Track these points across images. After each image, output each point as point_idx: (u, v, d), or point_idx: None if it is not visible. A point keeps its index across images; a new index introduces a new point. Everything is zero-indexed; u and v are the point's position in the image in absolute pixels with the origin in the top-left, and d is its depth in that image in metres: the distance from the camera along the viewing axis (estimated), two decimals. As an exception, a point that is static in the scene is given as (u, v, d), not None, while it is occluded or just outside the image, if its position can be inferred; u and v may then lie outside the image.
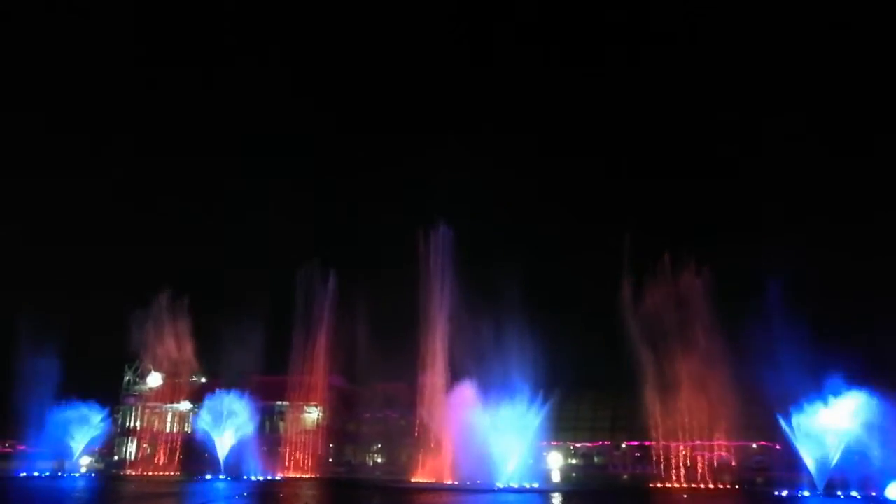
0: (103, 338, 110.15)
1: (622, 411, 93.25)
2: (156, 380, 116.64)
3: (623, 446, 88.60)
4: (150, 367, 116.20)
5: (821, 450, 74.42)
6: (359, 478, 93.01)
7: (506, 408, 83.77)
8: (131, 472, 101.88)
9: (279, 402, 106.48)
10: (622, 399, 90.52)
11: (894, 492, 65.20)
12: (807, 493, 71.33)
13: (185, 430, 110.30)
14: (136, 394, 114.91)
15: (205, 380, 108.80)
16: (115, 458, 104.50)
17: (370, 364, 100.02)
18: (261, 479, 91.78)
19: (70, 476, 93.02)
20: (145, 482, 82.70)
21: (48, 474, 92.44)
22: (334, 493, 74.28)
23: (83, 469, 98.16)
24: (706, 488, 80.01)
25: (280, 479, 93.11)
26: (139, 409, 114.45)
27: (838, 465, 73.76)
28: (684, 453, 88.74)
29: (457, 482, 79.57)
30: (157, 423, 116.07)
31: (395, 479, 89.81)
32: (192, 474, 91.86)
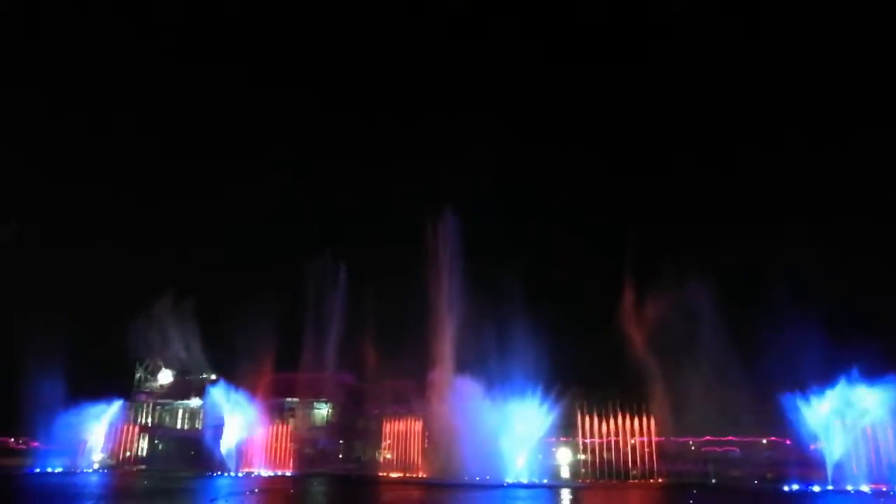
0: (115, 336, 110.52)
1: (632, 407, 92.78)
2: (166, 377, 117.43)
3: (632, 442, 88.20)
4: (160, 364, 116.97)
5: (831, 445, 74.25)
6: (368, 474, 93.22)
7: (515, 404, 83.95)
8: (143, 468, 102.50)
9: (289, 399, 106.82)
10: (630, 395, 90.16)
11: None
12: (817, 489, 71.11)
13: (196, 426, 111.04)
14: (148, 391, 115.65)
15: (214, 377, 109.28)
16: (127, 454, 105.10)
17: (379, 361, 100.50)
18: (270, 475, 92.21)
19: (82, 472, 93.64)
20: (157, 478, 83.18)
21: (60, 471, 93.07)
22: (344, 489, 74.47)
23: (95, 465, 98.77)
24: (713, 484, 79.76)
25: (290, 475, 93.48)
26: (150, 405, 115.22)
27: (849, 460, 73.55)
28: (693, 449, 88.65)
29: (466, 478, 79.64)
30: (167, 419, 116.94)
31: (405, 476, 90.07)
32: (202, 470, 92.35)
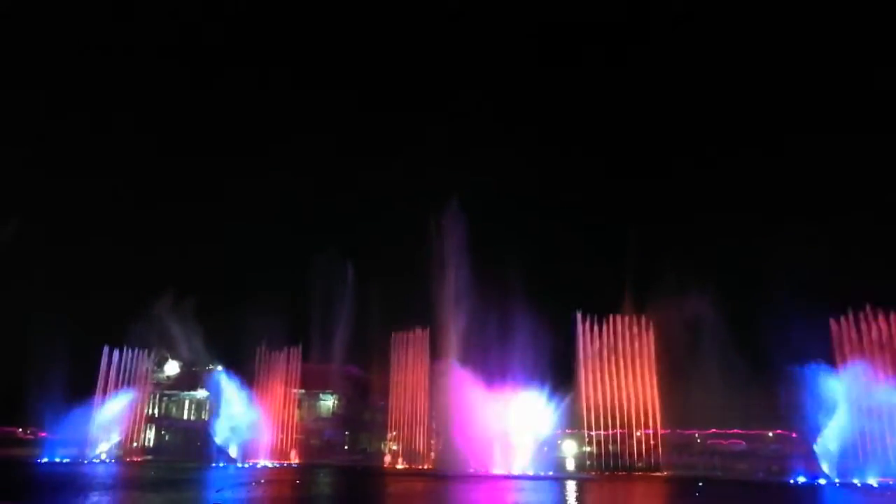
0: (121, 327, 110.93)
1: (637, 400, 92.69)
2: (173, 368, 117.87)
3: (638, 434, 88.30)
4: (167, 355, 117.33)
5: (837, 438, 74.11)
6: (373, 465, 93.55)
7: (520, 396, 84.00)
8: (150, 458, 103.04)
9: (294, 390, 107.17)
10: (638, 388, 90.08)
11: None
12: (823, 482, 71.02)
13: (203, 417, 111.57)
14: (155, 382, 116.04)
15: (221, 368, 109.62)
16: (134, 444, 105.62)
17: (385, 353, 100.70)
18: (276, 466, 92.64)
19: (90, 462, 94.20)
20: (163, 468, 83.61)
21: (68, 461, 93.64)
22: (349, 480, 74.68)
23: (102, 455, 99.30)
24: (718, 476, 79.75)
25: (295, 465, 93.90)
26: (157, 396, 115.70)
27: (855, 453, 73.42)
28: (699, 441, 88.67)
29: (471, 470, 79.77)
30: (174, 410, 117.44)
31: (410, 467, 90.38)
32: (209, 461, 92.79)
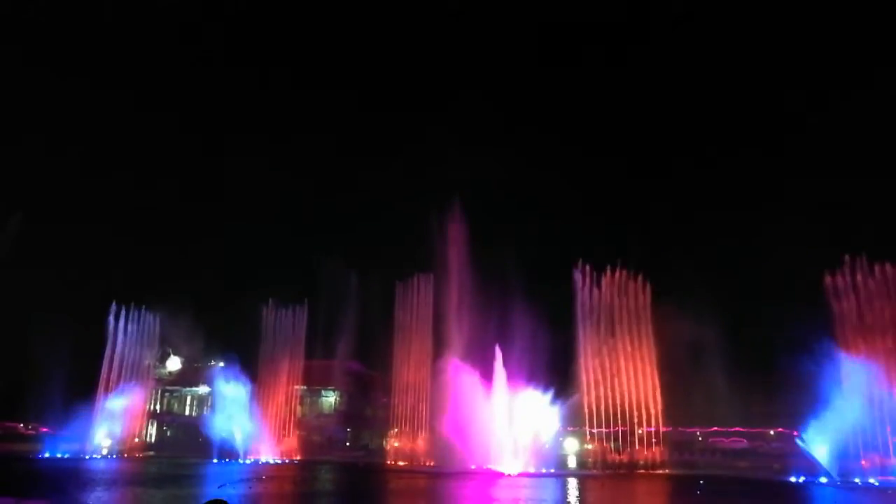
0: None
1: (640, 397, 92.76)
2: (175, 364, 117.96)
3: (640, 432, 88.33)
4: (169, 351, 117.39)
5: (837, 436, 74.08)
6: (374, 462, 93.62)
7: (523, 394, 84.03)
8: (152, 454, 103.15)
9: (297, 387, 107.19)
10: (640, 385, 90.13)
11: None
12: (824, 480, 71.02)
13: (204, 413, 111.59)
14: (157, 378, 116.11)
15: (223, 364, 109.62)
16: (136, 440, 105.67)
17: (387, 349, 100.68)
18: (277, 462, 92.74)
19: (91, 458, 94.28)
20: (165, 464, 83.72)
21: (70, 456, 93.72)
22: (350, 477, 74.78)
23: (104, 451, 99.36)
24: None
25: (297, 462, 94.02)
26: (159, 392, 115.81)
27: (856, 452, 73.43)
28: (701, 439, 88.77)
29: (473, 467, 79.86)
30: (176, 406, 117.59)
31: (412, 464, 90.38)
32: (210, 457, 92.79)
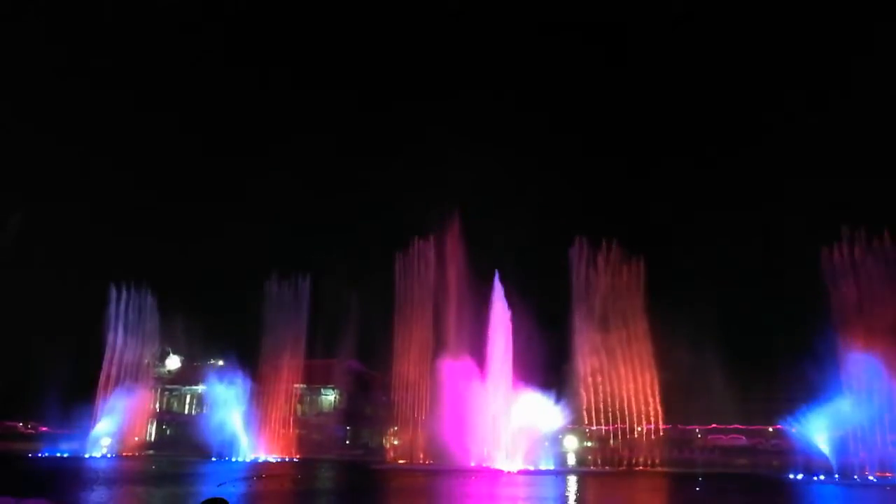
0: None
1: (638, 395, 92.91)
2: (174, 363, 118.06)
3: (639, 429, 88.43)
4: (168, 350, 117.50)
5: (836, 434, 74.15)
6: (374, 460, 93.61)
7: (523, 391, 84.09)
8: (151, 453, 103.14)
9: (296, 385, 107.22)
10: (639, 383, 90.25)
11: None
12: (822, 477, 71.01)
13: (204, 412, 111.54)
14: (156, 376, 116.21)
15: (222, 363, 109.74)
16: (136, 439, 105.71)
17: (387, 348, 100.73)
18: (277, 460, 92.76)
19: (91, 457, 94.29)
20: (164, 463, 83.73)
21: (69, 455, 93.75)
22: (350, 475, 74.76)
23: (103, 450, 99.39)
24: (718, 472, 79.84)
25: (296, 460, 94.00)
26: (158, 391, 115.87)
27: (855, 448, 73.47)
28: (700, 437, 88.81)
29: (472, 465, 79.88)
30: (175, 405, 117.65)
31: (411, 462, 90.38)
32: (210, 456, 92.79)
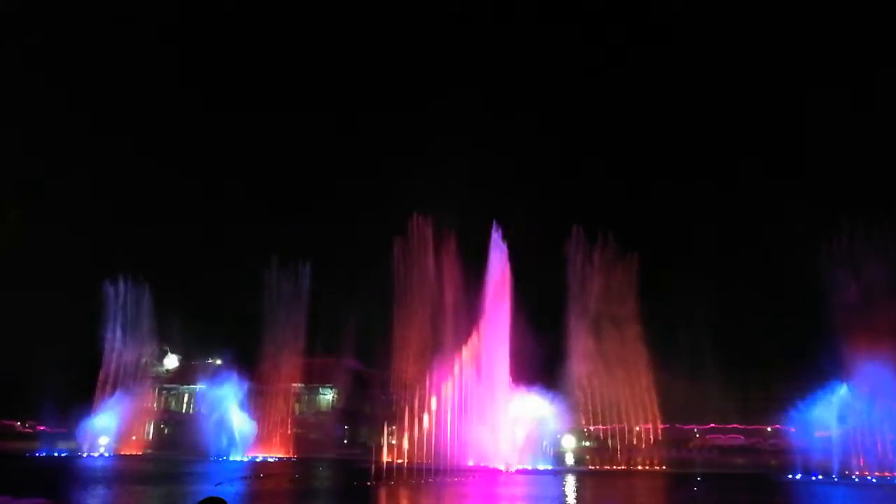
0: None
1: (636, 395, 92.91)
2: (172, 362, 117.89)
3: (637, 429, 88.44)
4: (166, 349, 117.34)
5: (836, 433, 74.05)
6: (372, 459, 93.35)
7: (521, 391, 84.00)
8: (149, 452, 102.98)
9: (294, 384, 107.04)
10: (637, 382, 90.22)
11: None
12: (821, 477, 70.93)
13: (201, 411, 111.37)
14: (154, 375, 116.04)
15: (220, 362, 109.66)
16: (133, 438, 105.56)
17: (385, 346, 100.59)
18: (275, 459, 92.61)
19: (88, 456, 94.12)
20: (162, 462, 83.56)
21: (67, 454, 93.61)
22: (348, 475, 74.56)
23: (101, 449, 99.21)
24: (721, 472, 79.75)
25: (294, 459, 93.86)
26: (156, 390, 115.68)
27: (854, 448, 73.39)
28: (698, 436, 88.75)
29: (470, 464, 79.74)
30: (174, 404, 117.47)
31: (409, 461, 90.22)
32: (207, 455, 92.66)
